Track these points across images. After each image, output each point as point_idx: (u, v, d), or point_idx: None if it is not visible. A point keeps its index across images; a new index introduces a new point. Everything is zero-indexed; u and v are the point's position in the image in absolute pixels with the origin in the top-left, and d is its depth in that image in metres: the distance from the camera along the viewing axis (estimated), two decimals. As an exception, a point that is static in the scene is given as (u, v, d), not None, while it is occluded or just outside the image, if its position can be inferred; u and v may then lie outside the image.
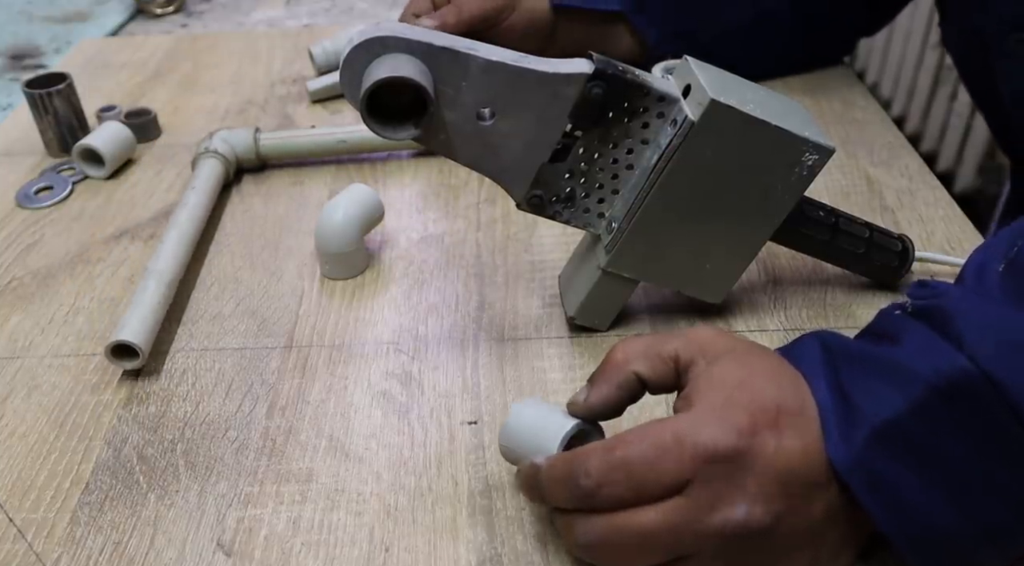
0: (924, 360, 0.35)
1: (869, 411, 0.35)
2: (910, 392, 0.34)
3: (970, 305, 0.36)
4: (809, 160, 0.47)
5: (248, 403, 0.50)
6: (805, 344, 0.39)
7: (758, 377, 0.37)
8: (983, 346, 0.34)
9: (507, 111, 0.45)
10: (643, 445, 0.35)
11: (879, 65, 1.71)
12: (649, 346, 0.39)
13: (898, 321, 0.38)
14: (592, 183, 0.48)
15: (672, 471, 0.35)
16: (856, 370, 0.36)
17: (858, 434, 0.34)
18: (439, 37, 0.43)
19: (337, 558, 0.41)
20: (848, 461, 0.34)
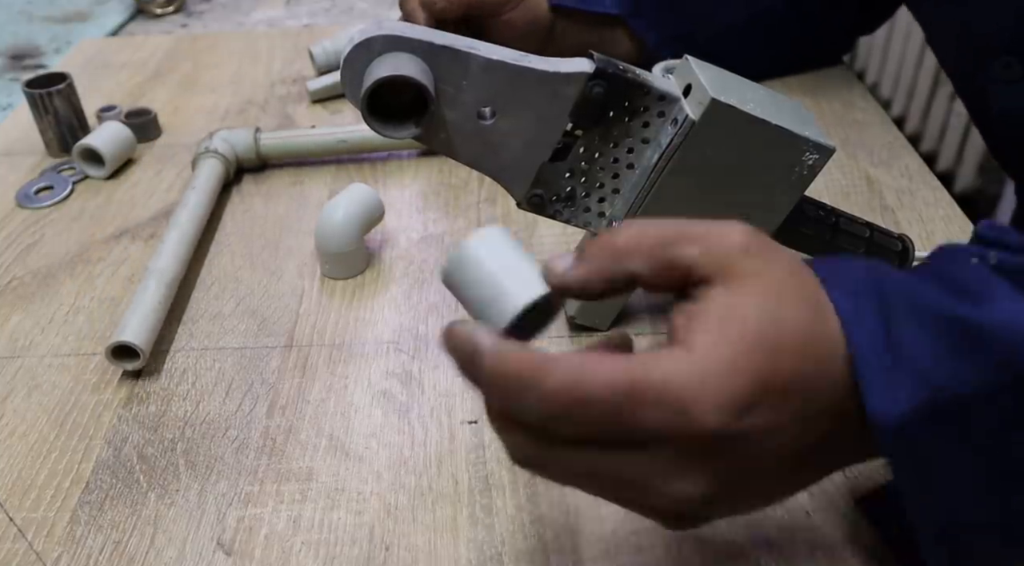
0: (1016, 336, 0.29)
1: (932, 375, 0.29)
2: (990, 371, 0.29)
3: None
4: (809, 160, 0.47)
5: (248, 402, 0.50)
6: (850, 267, 0.32)
7: (786, 332, 0.30)
8: None
9: (507, 110, 0.45)
10: (618, 390, 0.28)
11: (879, 65, 1.71)
12: (660, 244, 0.31)
13: (980, 275, 0.31)
14: (592, 182, 0.48)
15: (643, 433, 0.29)
16: (922, 324, 0.30)
17: (915, 395, 0.29)
18: (440, 36, 0.43)
19: (337, 557, 0.41)
20: (898, 424, 0.29)
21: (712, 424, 0.28)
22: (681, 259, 0.31)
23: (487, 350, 0.29)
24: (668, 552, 0.41)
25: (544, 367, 0.29)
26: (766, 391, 0.29)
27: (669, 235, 0.32)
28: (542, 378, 0.28)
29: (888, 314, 0.30)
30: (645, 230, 0.32)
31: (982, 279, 0.31)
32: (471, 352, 0.30)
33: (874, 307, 0.30)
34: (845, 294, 0.31)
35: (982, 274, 0.31)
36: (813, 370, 0.30)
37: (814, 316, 0.30)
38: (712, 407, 0.28)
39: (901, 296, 0.30)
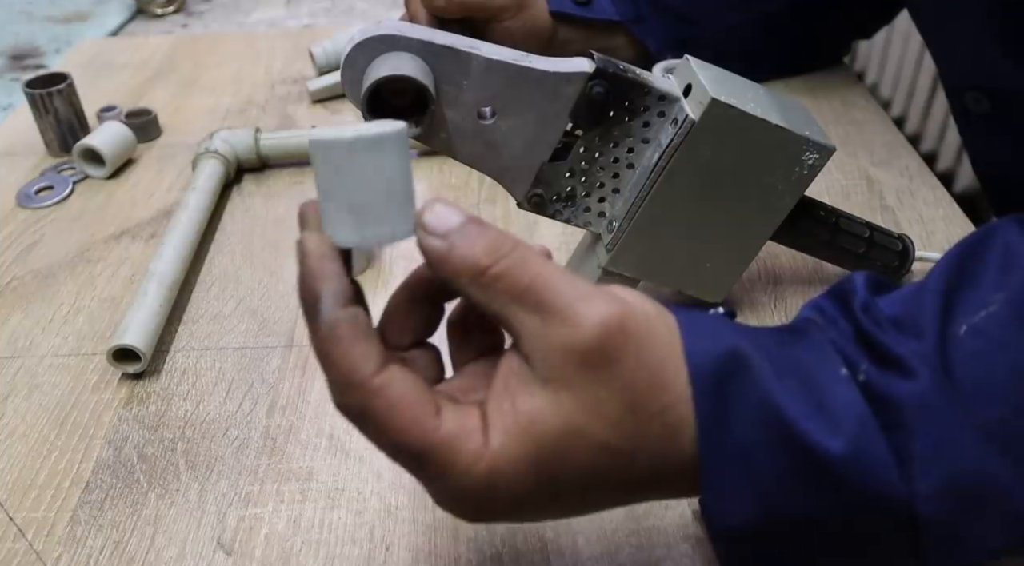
0: (859, 478, 0.29)
1: (771, 499, 0.30)
2: (825, 503, 0.30)
3: (934, 419, 0.30)
4: (809, 159, 0.47)
5: (248, 402, 0.50)
6: (711, 368, 0.30)
7: (588, 448, 0.29)
8: (928, 482, 0.29)
9: (508, 110, 0.45)
10: (411, 451, 0.29)
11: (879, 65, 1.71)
12: (509, 291, 0.29)
13: (840, 390, 0.30)
14: (593, 182, 0.48)
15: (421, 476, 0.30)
16: (772, 438, 0.29)
17: (748, 512, 0.30)
18: (440, 36, 0.43)
19: (337, 557, 0.41)
20: (724, 530, 0.31)
21: (473, 512, 0.30)
22: (515, 325, 0.29)
23: (323, 321, 0.29)
24: (668, 552, 0.41)
25: (365, 389, 0.28)
26: (551, 494, 0.30)
27: (523, 289, 0.29)
28: (361, 396, 0.29)
29: (741, 417, 0.30)
30: (510, 269, 0.29)
31: (841, 398, 0.30)
32: (312, 302, 0.29)
33: (724, 410, 0.30)
34: (703, 393, 0.30)
35: (843, 392, 0.30)
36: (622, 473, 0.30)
37: (635, 432, 0.29)
38: (479, 507, 0.30)
39: (758, 402, 0.30)
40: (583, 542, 0.41)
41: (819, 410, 0.30)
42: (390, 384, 0.29)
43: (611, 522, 0.42)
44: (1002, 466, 0.30)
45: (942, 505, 0.29)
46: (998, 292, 0.32)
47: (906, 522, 0.30)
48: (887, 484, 0.29)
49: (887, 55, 1.75)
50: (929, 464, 0.29)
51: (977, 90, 0.59)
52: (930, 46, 0.66)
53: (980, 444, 0.30)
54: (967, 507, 0.30)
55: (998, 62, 0.55)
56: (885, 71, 1.76)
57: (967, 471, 0.30)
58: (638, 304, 0.30)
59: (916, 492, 0.29)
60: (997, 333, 0.31)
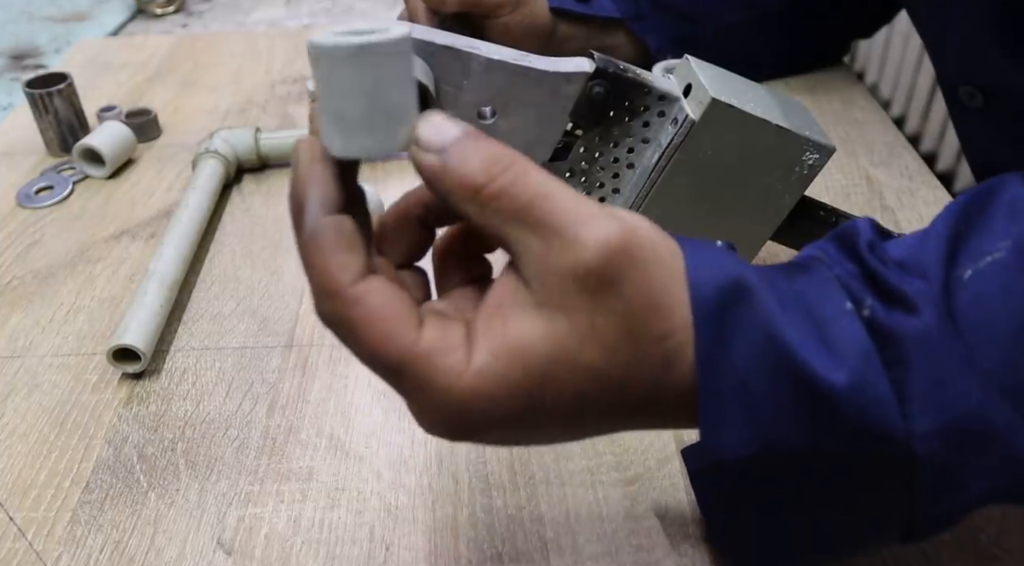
0: (859, 410, 0.29)
1: (770, 430, 0.30)
2: (825, 436, 0.29)
3: (934, 356, 0.29)
4: (809, 159, 0.47)
5: (248, 402, 0.50)
6: (715, 297, 0.30)
7: (574, 380, 0.29)
8: (926, 420, 0.29)
9: (508, 110, 0.45)
10: (389, 364, 0.29)
11: (879, 65, 1.71)
12: (509, 211, 0.28)
13: (846, 323, 0.30)
14: (593, 182, 0.48)
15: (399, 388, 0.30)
16: (773, 373, 0.29)
17: (746, 445, 0.30)
18: (440, 35, 0.43)
19: (338, 557, 0.41)
20: (720, 461, 0.30)
21: (451, 430, 0.30)
22: (513, 244, 0.28)
23: (305, 227, 0.28)
24: (668, 552, 0.41)
25: (343, 298, 0.28)
26: (537, 417, 0.29)
27: (522, 208, 0.28)
28: (338, 305, 0.28)
29: (743, 350, 0.29)
30: (510, 186, 0.28)
31: (845, 330, 0.30)
32: (297, 208, 0.29)
33: (725, 337, 0.29)
34: (705, 320, 0.29)
35: (847, 324, 0.30)
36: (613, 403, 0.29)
37: (630, 361, 0.29)
38: (458, 424, 0.29)
39: (760, 332, 0.29)
40: (583, 541, 0.41)
41: (822, 342, 0.29)
42: (368, 294, 0.28)
43: (611, 522, 0.42)
44: (1002, 410, 0.29)
45: (939, 445, 0.29)
46: (1004, 239, 0.32)
47: (903, 461, 0.29)
48: (887, 420, 0.29)
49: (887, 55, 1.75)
50: (928, 403, 0.29)
51: (971, 85, 0.59)
52: (925, 41, 0.66)
53: (980, 386, 0.29)
54: (965, 449, 0.29)
55: (991, 58, 0.55)
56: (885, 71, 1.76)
57: (965, 412, 0.29)
58: (643, 228, 0.29)
59: (914, 430, 0.29)
60: (1002, 279, 0.30)
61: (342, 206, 0.29)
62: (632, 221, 0.29)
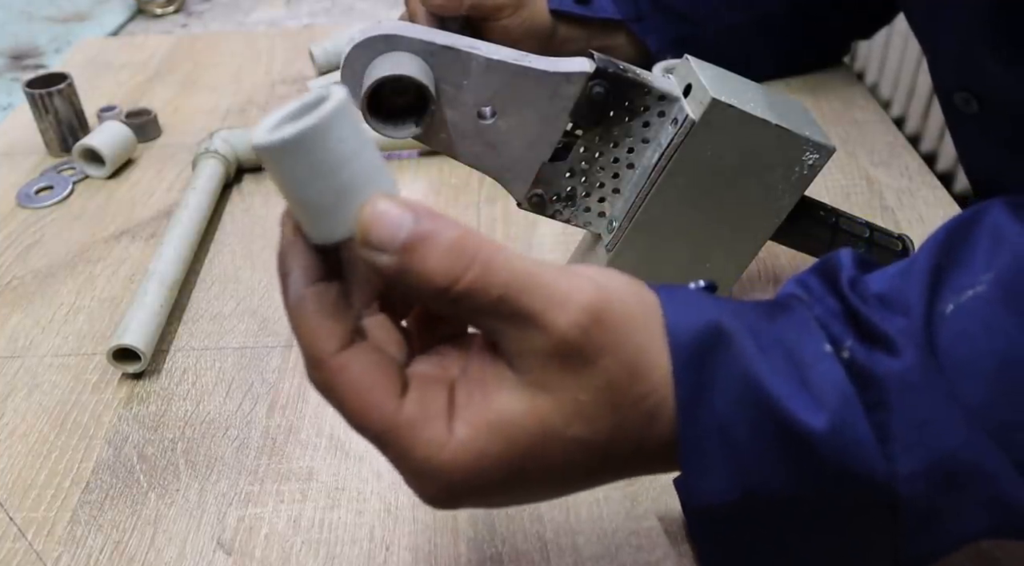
0: (839, 454, 0.29)
1: (751, 475, 0.30)
2: (806, 482, 0.29)
3: (916, 398, 0.29)
4: (809, 159, 0.47)
5: (248, 402, 0.50)
6: (695, 348, 0.30)
7: (554, 452, 0.29)
8: (909, 462, 0.29)
9: (508, 110, 0.45)
10: (374, 432, 0.29)
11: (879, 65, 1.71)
12: (486, 304, 0.27)
13: (825, 367, 0.30)
14: (593, 182, 0.48)
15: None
16: (752, 414, 0.29)
17: (728, 493, 0.30)
18: (440, 35, 0.43)
19: (338, 557, 0.41)
20: (704, 507, 0.31)
21: (433, 498, 0.30)
22: (489, 333, 0.29)
23: (290, 297, 0.29)
24: (668, 552, 0.41)
25: (327, 367, 0.28)
26: (520, 485, 0.30)
27: (492, 303, 0.27)
28: (324, 373, 0.28)
29: (723, 396, 0.29)
30: (477, 284, 0.27)
31: (824, 373, 0.30)
32: (283, 278, 0.30)
33: (704, 383, 0.29)
34: (683, 367, 0.29)
35: (827, 367, 0.30)
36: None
37: (609, 439, 0.29)
38: (440, 493, 0.29)
39: (739, 377, 0.29)
40: (583, 542, 0.41)
41: (802, 386, 0.29)
42: (351, 363, 0.28)
43: (611, 522, 0.42)
44: (987, 450, 0.29)
45: (923, 487, 0.29)
46: (986, 272, 0.31)
47: (887, 503, 0.29)
48: (869, 462, 0.29)
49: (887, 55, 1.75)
50: (910, 444, 0.29)
51: (965, 91, 0.59)
52: (921, 45, 0.66)
53: (964, 426, 0.29)
54: (949, 490, 0.29)
55: (985, 63, 0.55)
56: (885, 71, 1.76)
57: (950, 454, 0.29)
58: (616, 291, 0.29)
59: (897, 472, 0.29)
60: (984, 314, 0.30)
61: (324, 274, 0.29)
62: (604, 283, 0.29)
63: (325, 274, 0.29)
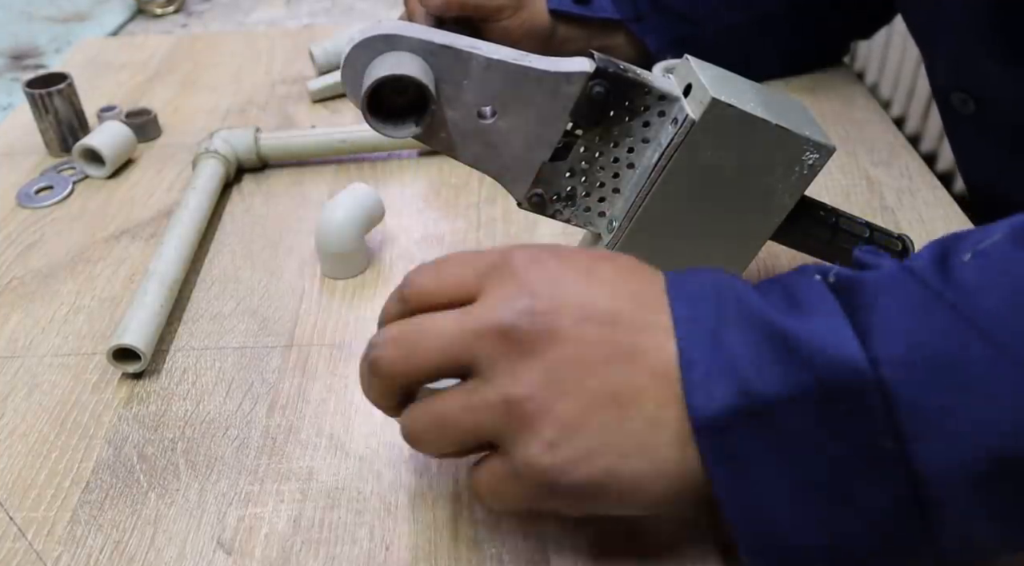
0: (822, 346, 0.31)
1: (745, 379, 0.31)
2: (796, 378, 0.31)
3: (898, 293, 0.31)
4: (809, 159, 0.47)
5: (248, 402, 0.50)
6: (699, 281, 0.35)
7: (595, 285, 0.35)
8: (890, 348, 0.30)
9: (508, 109, 0.45)
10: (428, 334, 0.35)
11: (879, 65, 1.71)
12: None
13: (813, 290, 0.33)
14: (593, 182, 0.48)
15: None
16: (746, 328, 0.32)
17: (727, 397, 0.31)
18: (440, 35, 0.43)
19: (337, 556, 0.41)
20: (709, 421, 0.32)
21: (507, 320, 0.34)
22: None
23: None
24: (668, 552, 0.41)
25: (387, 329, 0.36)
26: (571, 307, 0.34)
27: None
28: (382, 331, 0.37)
29: (720, 316, 0.33)
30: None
31: (813, 294, 0.33)
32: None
33: (708, 309, 0.33)
34: (682, 299, 0.34)
35: (816, 290, 0.33)
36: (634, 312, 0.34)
37: (633, 278, 0.36)
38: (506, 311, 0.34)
39: (736, 303, 0.33)
40: (584, 542, 0.41)
41: (791, 306, 0.33)
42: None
43: (611, 522, 0.42)
44: (982, 349, 0.29)
45: (906, 373, 0.30)
46: (1001, 229, 0.33)
47: (876, 396, 0.30)
48: (851, 352, 0.30)
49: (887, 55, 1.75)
50: (890, 333, 0.30)
51: (962, 91, 0.59)
52: (919, 46, 0.66)
53: (951, 323, 0.30)
54: (939, 382, 0.30)
55: (983, 64, 0.55)
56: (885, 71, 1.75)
57: (931, 343, 0.30)
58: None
59: (878, 357, 0.30)
60: (1000, 254, 0.31)
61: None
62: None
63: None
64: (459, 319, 0.34)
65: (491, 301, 0.34)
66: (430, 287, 0.36)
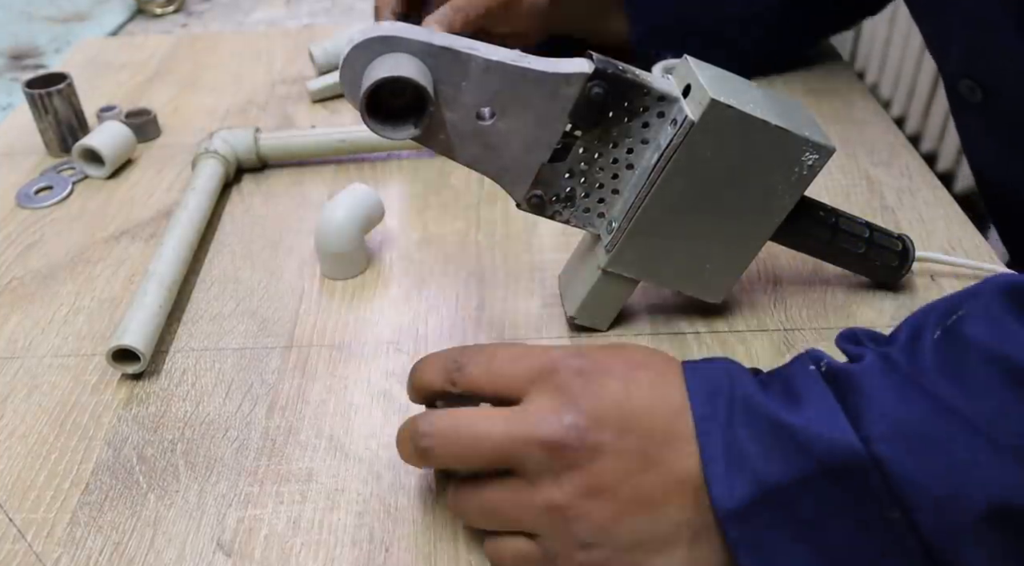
0: (819, 433, 0.34)
1: (756, 471, 0.34)
2: (800, 464, 0.34)
3: (882, 382, 0.35)
4: (809, 160, 0.47)
5: (248, 403, 0.50)
6: (715, 372, 0.38)
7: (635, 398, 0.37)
8: (879, 427, 0.33)
9: (507, 111, 0.45)
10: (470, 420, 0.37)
11: (879, 65, 1.71)
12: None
13: (808, 380, 0.36)
14: (592, 183, 0.48)
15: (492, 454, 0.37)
16: (753, 425, 0.35)
17: (745, 490, 0.34)
18: (439, 36, 0.43)
19: (337, 558, 0.41)
20: (732, 512, 0.34)
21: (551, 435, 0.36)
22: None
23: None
24: (668, 553, 0.41)
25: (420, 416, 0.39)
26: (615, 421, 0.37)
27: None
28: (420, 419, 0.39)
29: (730, 412, 0.36)
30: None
31: (808, 385, 0.36)
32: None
33: (721, 405, 0.36)
34: (700, 395, 0.37)
35: (809, 381, 0.36)
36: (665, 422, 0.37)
37: (663, 387, 0.38)
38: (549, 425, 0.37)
39: (744, 401, 0.36)
40: (582, 543, 0.41)
41: (789, 398, 0.36)
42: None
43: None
44: (949, 422, 0.33)
45: (897, 448, 0.33)
46: (970, 301, 0.36)
47: (874, 474, 0.33)
48: (846, 437, 0.33)
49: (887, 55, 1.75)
50: (878, 414, 0.33)
51: (971, 79, 0.59)
52: (926, 33, 0.66)
53: (924, 400, 0.33)
54: (923, 453, 0.32)
55: (998, 43, 0.54)
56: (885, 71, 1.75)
57: (912, 420, 0.33)
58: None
59: (870, 435, 0.33)
60: (970, 332, 0.34)
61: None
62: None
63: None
64: (508, 425, 0.37)
65: (540, 412, 0.37)
66: (480, 382, 0.39)
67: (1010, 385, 0.32)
